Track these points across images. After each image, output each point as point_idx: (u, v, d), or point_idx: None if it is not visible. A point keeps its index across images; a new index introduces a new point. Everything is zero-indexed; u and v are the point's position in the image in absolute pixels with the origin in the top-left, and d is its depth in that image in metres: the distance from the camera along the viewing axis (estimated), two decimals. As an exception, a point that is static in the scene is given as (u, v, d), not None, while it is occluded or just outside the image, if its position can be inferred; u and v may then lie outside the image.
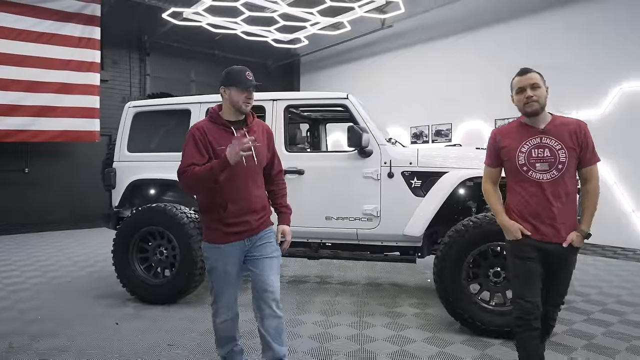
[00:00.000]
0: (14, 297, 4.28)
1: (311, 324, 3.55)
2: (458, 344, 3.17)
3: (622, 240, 6.87)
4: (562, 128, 2.31)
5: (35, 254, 6.49)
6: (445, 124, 9.47)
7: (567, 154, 2.27)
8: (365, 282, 4.88)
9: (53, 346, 3.09)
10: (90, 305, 4.03)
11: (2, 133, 7.90)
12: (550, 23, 7.73)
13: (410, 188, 3.67)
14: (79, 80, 8.55)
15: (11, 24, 7.95)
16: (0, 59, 7.87)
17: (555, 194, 2.29)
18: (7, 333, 3.34)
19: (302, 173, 3.87)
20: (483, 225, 3.25)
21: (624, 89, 6.86)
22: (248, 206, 2.34)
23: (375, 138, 3.72)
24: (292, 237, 3.95)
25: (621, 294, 4.39)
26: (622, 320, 3.63)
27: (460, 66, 9.07)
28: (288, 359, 2.38)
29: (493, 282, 3.37)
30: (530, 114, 2.34)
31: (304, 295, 4.38)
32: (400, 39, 10.25)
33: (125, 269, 4.09)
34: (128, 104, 4.52)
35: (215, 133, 2.29)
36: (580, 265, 3.45)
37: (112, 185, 4.41)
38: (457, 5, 9.03)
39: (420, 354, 3.00)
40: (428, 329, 3.46)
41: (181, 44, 10.72)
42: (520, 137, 2.37)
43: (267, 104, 4.04)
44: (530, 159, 2.33)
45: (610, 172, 6.97)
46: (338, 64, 11.93)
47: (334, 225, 3.83)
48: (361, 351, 3.04)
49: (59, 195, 9.22)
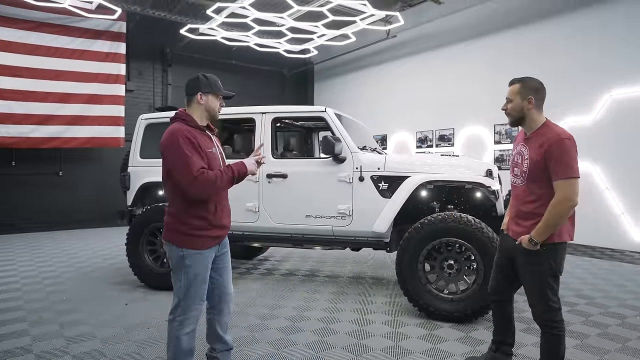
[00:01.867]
0: (45, 283, 5.01)
1: (290, 308, 4.10)
2: (412, 326, 3.64)
3: (611, 242, 7.10)
4: (538, 138, 2.37)
5: (66, 248, 7.31)
6: (448, 129, 9.84)
7: (530, 164, 2.36)
8: (349, 276, 5.38)
9: (73, 319, 3.76)
10: (106, 290, 4.71)
11: (39, 140, 8.84)
12: (545, 32, 8.02)
13: (378, 190, 4.15)
14: (106, 92, 9.43)
15: (48, 43, 8.89)
16: (39, 74, 8.82)
17: (520, 198, 2.48)
18: (38, 309, 4.04)
19: (286, 177, 4.42)
20: (436, 223, 3.73)
21: (614, 95, 7.09)
22: (227, 207, 2.54)
23: (348, 146, 4.23)
24: (278, 231, 4.52)
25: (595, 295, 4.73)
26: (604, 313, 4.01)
27: (462, 73, 9.42)
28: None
29: (447, 274, 3.82)
30: (509, 124, 2.56)
31: (290, 285, 4.93)
32: (405, 47, 10.69)
33: (137, 259, 4.74)
34: (141, 116, 5.19)
35: (200, 137, 2.34)
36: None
37: (127, 187, 5.09)
38: (458, 15, 9.43)
39: (375, 332, 3.49)
40: (390, 313, 3.95)
41: (201, 55, 11.48)
42: (517, 142, 2.60)
43: (257, 116, 4.62)
44: (512, 163, 2.57)
45: (602, 176, 7.22)
46: (349, 71, 12.44)
47: (313, 223, 4.35)
48: (327, 329, 3.56)
49: (89, 196, 10.12)
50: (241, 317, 3.84)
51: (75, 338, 3.33)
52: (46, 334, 3.42)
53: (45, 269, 5.70)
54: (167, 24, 10.38)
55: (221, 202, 2.46)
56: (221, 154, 2.51)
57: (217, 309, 2.58)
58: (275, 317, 3.86)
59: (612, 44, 7.12)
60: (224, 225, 2.47)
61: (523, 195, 2.45)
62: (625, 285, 4.90)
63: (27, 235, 8.69)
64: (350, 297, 4.45)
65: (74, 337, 3.36)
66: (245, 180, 4.45)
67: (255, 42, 10.01)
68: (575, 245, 7.38)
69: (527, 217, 2.43)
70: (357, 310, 4.03)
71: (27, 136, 8.69)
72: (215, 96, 2.44)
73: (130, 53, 10.41)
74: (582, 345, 3.22)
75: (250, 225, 4.55)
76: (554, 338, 2.37)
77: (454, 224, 3.67)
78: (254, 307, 4.11)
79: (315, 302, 4.30)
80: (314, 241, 4.48)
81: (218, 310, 2.59)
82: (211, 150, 2.39)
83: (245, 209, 4.50)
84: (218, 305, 2.58)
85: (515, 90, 2.48)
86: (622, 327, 3.60)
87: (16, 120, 8.57)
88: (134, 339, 3.32)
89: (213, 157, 2.39)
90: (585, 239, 7.43)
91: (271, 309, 4.06)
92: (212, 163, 2.37)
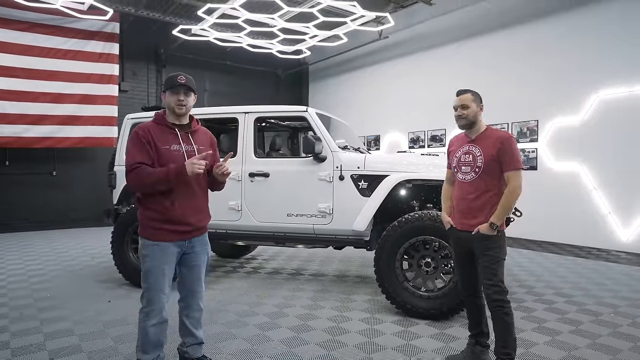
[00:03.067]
0: (31, 280, 5.06)
1: (271, 305, 4.15)
2: (388, 323, 3.68)
3: (598, 242, 7.13)
4: (488, 139, 2.71)
5: (56, 247, 7.36)
6: (439, 129, 9.89)
7: (484, 159, 2.66)
8: (333, 274, 5.43)
9: (54, 316, 3.80)
10: (91, 287, 4.76)
11: (32, 140, 8.90)
12: (535, 33, 8.07)
13: (358, 189, 4.20)
14: (99, 92, 9.49)
15: (41, 43, 8.96)
16: (32, 74, 8.89)
17: (470, 192, 2.72)
18: (20, 306, 4.09)
19: (268, 176, 4.47)
20: (413, 222, 3.77)
21: (601, 96, 7.13)
22: (194, 205, 2.50)
23: (328, 145, 4.28)
24: (260, 230, 4.55)
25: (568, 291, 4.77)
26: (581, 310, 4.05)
27: (454, 74, 9.45)
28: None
29: (424, 272, 3.87)
30: (460, 127, 2.80)
31: (274, 283, 4.97)
32: (397, 48, 10.74)
33: (121, 257, 4.80)
34: (127, 116, 5.24)
35: (159, 133, 2.41)
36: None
37: (113, 185, 5.15)
38: (449, 16, 9.48)
39: (351, 329, 3.53)
40: (368, 311, 3.99)
41: (195, 55, 11.53)
42: (459, 144, 2.86)
43: (240, 116, 4.67)
44: (459, 162, 2.80)
45: (590, 176, 7.25)
46: (343, 72, 12.49)
47: (294, 221, 4.40)
48: (304, 326, 3.60)
49: (82, 196, 10.17)
50: (220, 313, 3.89)
51: (54, 334, 3.38)
52: (25, 330, 3.47)
53: (32, 267, 5.75)
54: (161, 25, 10.44)
55: (182, 200, 2.45)
56: (193, 152, 2.48)
57: (186, 304, 2.64)
58: (255, 314, 3.91)
59: (600, 44, 7.16)
60: (186, 222, 2.46)
61: (475, 189, 2.70)
62: (605, 284, 4.93)
63: (20, 235, 8.75)
64: (331, 295, 4.50)
65: (53, 333, 3.41)
66: (229, 179, 4.52)
67: (248, 42, 10.07)
68: (562, 245, 7.42)
69: (480, 209, 2.69)
70: (337, 308, 4.08)
71: (20, 136, 8.75)
72: (171, 92, 2.45)
73: (125, 54, 10.49)
74: (553, 342, 3.26)
75: (233, 224, 4.59)
76: (507, 317, 2.61)
77: (430, 222, 3.72)
78: (234, 304, 4.16)
79: (296, 299, 4.34)
80: (296, 239, 4.52)
81: (187, 305, 2.64)
82: (170, 147, 2.41)
83: (228, 208, 4.55)
84: (186, 300, 2.63)
85: (470, 98, 2.77)
86: (595, 324, 3.64)
87: (10, 120, 8.63)
88: (112, 335, 3.37)
89: (169, 154, 2.41)
90: (572, 238, 7.48)
91: (251, 306, 4.11)
92: (167, 160, 2.39)
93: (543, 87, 7.88)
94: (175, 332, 2.77)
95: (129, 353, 3.02)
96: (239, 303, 4.21)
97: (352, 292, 4.61)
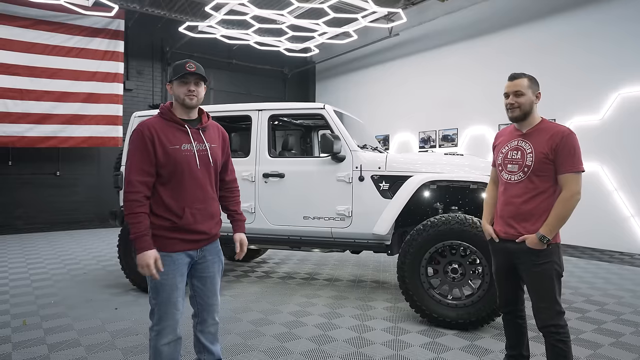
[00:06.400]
0: (34, 285, 4.85)
1: (287, 313, 3.93)
2: (414, 333, 3.45)
3: (620, 245, 6.89)
4: (541, 133, 2.31)
5: (60, 249, 7.15)
6: (451, 129, 9.65)
7: (535, 157, 2.28)
8: (349, 279, 5.20)
9: (58, 325, 3.59)
10: (97, 293, 4.55)
11: (36, 139, 8.71)
12: (551, 29, 7.83)
13: (379, 191, 3.97)
14: (104, 91, 9.29)
15: (45, 40, 8.77)
16: (36, 72, 8.70)
17: (518, 195, 2.33)
18: (24, 313, 3.88)
19: (283, 176, 4.25)
20: (439, 226, 3.54)
21: (622, 94, 6.89)
22: (206, 210, 2.26)
23: (347, 144, 4.06)
24: (275, 233, 4.33)
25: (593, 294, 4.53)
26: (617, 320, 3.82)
27: (466, 72, 9.24)
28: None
29: (451, 278, 3.64)
30: (511, 119, 2.39)
31: (288, 289, 4.75)
32: (408, 46, 10.51)
33: (129, 262, 4.57)
34: (134, 114, 5.03)
35: (167, 131, 2.16)
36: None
37: (119, 186, 4.93)
38: (462, 13, 9.24)
39: (375, 340, 3.30)
40: (391, 319, 3.77)
41: (201, 53, 11.33)
42: (507, 138, 2.46)
43: (253, 113, 4.45)
44: (505, 160, 2.41)
45: (611, 177, 7.01)
46: (351, 70, 12.27)
47: (311, 224, 4.17)
48: (324, 337, 3.38)
49: (86, 197, 9.99)
50: (234, 323, 3.67)
51: (59, 345, 3.17)
52: (29, 340, 3.26)
53: (36, 271, 5.54)
54: (166, 22, 10.26)
55: (194, 206, 2.20)
56: (205, 151, 2.26)
57: (200, 319, 2.39)
58: (271, 322, 3.68)
59: (621, 41, 6.91)
60: (199, 230, 2.22)
61: (523, 191, 2.32)
62: (636, 291, 4.69)
63: (23, 236, 8.54)
64: (349, 302, 4.27)
65: (57, 344, 3.19)
66: (241, 180, 4.30)
67: (255, 40, 9.87)
68: (583, 248, 7.17)
69: (528, 216, 2.31)
70: (357, 316, 3.85)
71: (23, 135, 8.56)
72: (179, 82, 2.17)
73: (130, 52, 10.30)
74: (595, 356, 3.03)
75: (246, 227, 4.35)
76: (563, 344, 2.23)
77: (458, 226, 3.49)
78: (248, 313, 3.94)
79: (313, 307, 4.12)
80: (312, 243, 4.29)
81: (201, 320, 2.39)
82: (180, 147, 2.16)
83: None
84: (201, 315, 2.38)
85: (525, 84, 2.35)
86: (636, 335, 3.40)
87: (13, 119, 8.45)
88: (121, 347, 3.16)
89: (179, 156, 2.15)
90: (593, 241, 7.23)
91: (267, 314, 3.88)
92: (176, 162, 2.15)
93: (561, 86, 7.63)
94: (190, 345, 2.55)
95: (139, 367, 2.81)
96: (253, 311, 3.99)
97: (370, 299, 4.38)
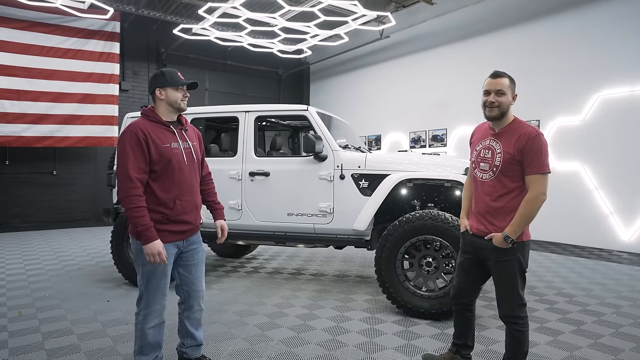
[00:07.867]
0: (30, 280, 5.04)
1: (271, 305, 4.13)
2: (389, 322, 3.66)
3: (600, 242, 7.11)
4: (511, 133, 2.34)
5: (56, 246, 7.34)
6: (440, 129, 9.86)
7: (503, 158, 2.32)
8: (334, 274, 5.40)
9: (52, 316, 3.79)
10: (90, 287, 4.74)
11: (32, 139, 8.89)
12: (535, 33, 8.04)
13: (358, 188, 4.17)
14: (100, 91, 9.48)
15: (41, 42, 8.95)
16: (32, 73, 8.87)
17: (489, 194, 2.40)
18: (20, 305, 4.07)
19: (268, 175, 4.45)
20: (413, 221, 3.74)
21: (602, 96, 7.11)
22: (192, 202, 2.47)
23: (329, 144, 4.26)
24: (260, 229, 4.53)
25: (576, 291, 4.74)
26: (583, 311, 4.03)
27: (456, 73, 9.44)
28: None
29: (425, 271, 3.84)
30: (488, 118, 2.43)
31: (275, 283, 4.95)
32: (399, 48, 10.72)
33: (121, 257, 4.77)
34: (127, 115, 5.22)
35: (157, 132, 2.35)
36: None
37: (112, 185, 5.13)
38: (451, 16, 9.45)
39: (352, 329, 3.50)
40: (369, 310, 3.97)
41: (196, 55, 11.53)
42: (481, 136, 2.52)
43: (240, 115, 4.65)
44: (478, 158, 2.48)
45: (591, 176, 7.23)
46: (344, 71, 12.47)
47: (295, 221, 4.37)
48: (304, 326, 3.58)
49: (83, 195, 10.17)
50: (220, 313, 3.87)
51: (52, 333, 3.36)
52: (24, 329, 3.45)
53: (32, 267, 5.73)
54: (161, 24, 10.43)
55: (183, 197, 2.42)
56: (189, 149, 2.49)
57: (186, 305, 2.60)
58: (255, 313, 3.88)
59: (601, 44, 7.13)
60: (186, 221, 2.44)
61: (492, 190, 2.40)
62: (606, 284, 4.91)
63: (20, 234, 8.72)
64: (332, 295, 4.47)
65: (51, 332, 3.39)
66: (228, 178, 4.51)
67: (249, 42, 10.05)
68: (564, 245, 7.39)
69: (497, 214, 2.39)
70: (337, 308, 4.05)
71: (20, 135, 8.74)
72: (174, 89, 2.41)
73: (125, 53, 10.49)
74: (555, 342, 3.24)
75: (233, 223, 4.56)
76: (520, 334, 2.38)
77: (431, 222, 3.69)
78: (234, 304, 4.14)
79: (296, 299, 4.32)
80: (296, 239, 4.50)
81: (188, 306, 2.60)
82: (169, 145, 2.37)
83: (228, 207, 4.52)
84: (187, 302, 2.59)
85: (507, 84, 2.38)
86: (597, 324, 3.62)
87: (10, 120, 8.62)
88: (111, 335, 3.35)
89: (170, 152, 2.38)
90: (574, 238, 7.45)
91: (251, 306, 4.09)
92: (170, 157, 2.37)
93: (544, 87, 7.85)
94: (173, 330, 2.75)
95: (127, 353, 3.00)
96: (239, 303, 4.19)
97: (352, 292, 4.59)
